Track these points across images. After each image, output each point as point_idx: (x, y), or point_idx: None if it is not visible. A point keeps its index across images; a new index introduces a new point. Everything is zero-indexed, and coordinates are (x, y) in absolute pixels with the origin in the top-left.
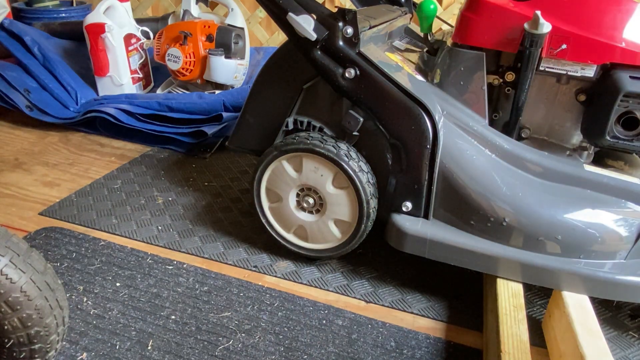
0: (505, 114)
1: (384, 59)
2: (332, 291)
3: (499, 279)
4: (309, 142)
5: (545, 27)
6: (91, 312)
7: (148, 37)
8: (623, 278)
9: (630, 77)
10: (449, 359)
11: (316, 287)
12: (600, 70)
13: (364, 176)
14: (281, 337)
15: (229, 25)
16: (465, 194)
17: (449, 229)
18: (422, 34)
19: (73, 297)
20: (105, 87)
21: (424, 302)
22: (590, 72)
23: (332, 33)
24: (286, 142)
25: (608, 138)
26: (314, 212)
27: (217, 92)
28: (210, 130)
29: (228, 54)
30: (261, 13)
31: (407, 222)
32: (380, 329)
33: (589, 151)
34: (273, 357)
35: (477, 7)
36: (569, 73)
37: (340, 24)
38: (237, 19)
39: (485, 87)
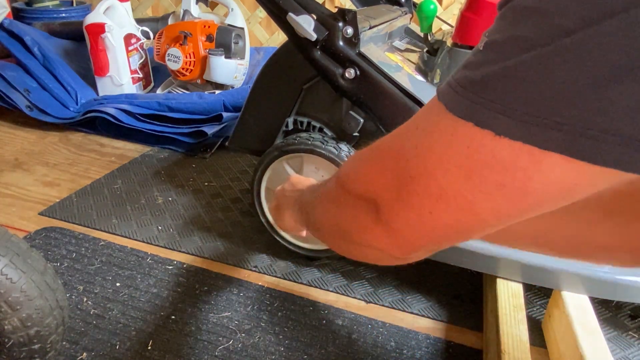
0: None
1: (384, 59)
2: (332, 291)
3: (499, 279)
4: (310, 142)
5: None
6: (91, 312)
7: (148, 37)
8: (623, 278)
9: None
10: (449, 359)
11: (316, 287)
12: None
13: None
14: (281, 337)
15: (229, 25)
16: None
17: None
18: (422, 34)
19: (73, 297)
20: (105, 87)
21: (424, 302)
22: None
23: (332, 33)
24: (287, 143)
25: None
26: None
27: (217, 92)
28: (210, 130)
29: (228, 54)
30: (261, 13)
31: None
32: (380, 329)
33: None
34: (273, 357)
35: (477, 7)
36: None
37: (340, 24)
38: (237, 19)
39: None
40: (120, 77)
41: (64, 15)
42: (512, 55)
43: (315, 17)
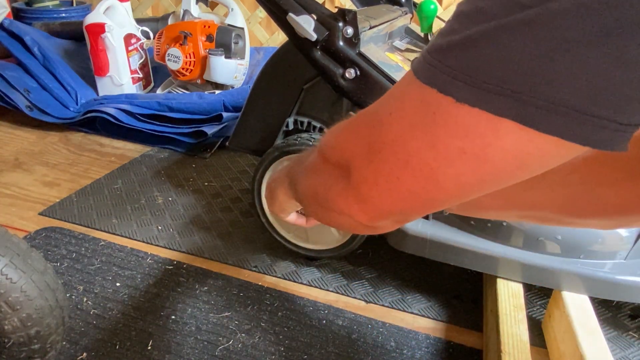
0: None
1: (384, 59)
2: (332, 291)
3: (499, 279)
4: (310, 143)
5: None
6: (91, 312)
7: (148, 37)
8: (623, 278)
9: None
10: (448, 359)
11: (316, 287)
12: None
13: None
14: (281, 337)
15: (229, 25)
16: None
17: (449, 229)
18: (422, 34)
19: (73, 297)
20: (105, 87)
21: (424, 302)
22: None
23: (332, 33)
24: (288, 143)
25: None
26: None
27: (217, 92)
28: (210, 130)
29: (228, 54)
30: (261, 13)
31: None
32: (380, 329)
33: None
34: (273, 357)
35: None
36: None
37: (341, 24)
38: (237, 19)
39: None
40: (120, 77)
41: (64, 15)
42: (474, 25)
43: (315, 17)
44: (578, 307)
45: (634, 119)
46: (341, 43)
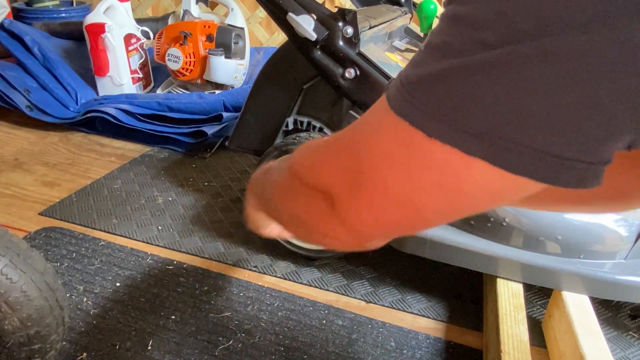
0: None
1: (384, 59)
2: (332, 291)
3: (499, 279)
4: None
5: None
6: (91, 312)
7: (148, 37)
8: (623, 278)
9: None
10: (449, 359)
11: (316, 287)
12: None
13: None
14: (281, 337)
15: (229, 25)
16: None
17: (448, 229)
18: (422, 34)
19: (73, 297)
20: (105, 87)
21: (424, 302)
22: None
23: (332, 33)
24: (287, 143)
25: None
26: None
27: (217, 92)
28: (210, 130)
29: (228, 54)
30: (261, 13)
31: None
32: (380, 329)
33: None
34: (273, 357)
35: None
36: None
37: (340, 24)
38: (237, 19)
39: None
40: (120, 77)
41: (64, 15)
42: (442, 59)
43: (315, 17)
44: (578, 307)
45: (603, 157)
46: (341, 43)
